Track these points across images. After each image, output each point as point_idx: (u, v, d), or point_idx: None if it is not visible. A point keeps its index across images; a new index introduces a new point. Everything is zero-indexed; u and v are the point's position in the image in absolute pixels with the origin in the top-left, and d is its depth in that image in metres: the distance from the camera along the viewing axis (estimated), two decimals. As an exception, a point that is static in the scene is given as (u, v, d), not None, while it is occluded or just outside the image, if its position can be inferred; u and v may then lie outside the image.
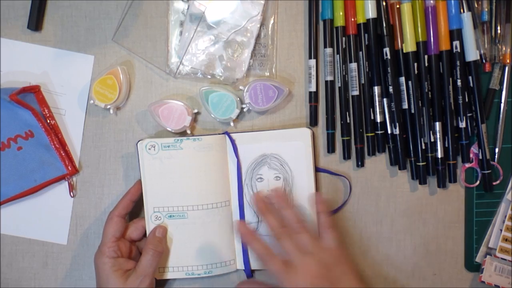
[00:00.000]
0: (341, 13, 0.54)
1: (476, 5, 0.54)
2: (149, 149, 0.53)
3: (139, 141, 0.54)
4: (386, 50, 0.54)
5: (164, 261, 0.54)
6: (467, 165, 0.57)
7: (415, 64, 0.54)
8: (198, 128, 0.57)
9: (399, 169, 0.56)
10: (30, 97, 0.55)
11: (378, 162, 0.57)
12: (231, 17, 0.55)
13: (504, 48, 0.55)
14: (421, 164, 0.55)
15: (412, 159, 0.56)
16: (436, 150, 0.55)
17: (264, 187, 0.56)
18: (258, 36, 0.55)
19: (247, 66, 0.55)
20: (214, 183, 0.55)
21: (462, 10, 0.54)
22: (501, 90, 0.56)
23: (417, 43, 0.54)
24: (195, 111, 0.55)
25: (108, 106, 0.54)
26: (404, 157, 0.55)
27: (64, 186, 0.57)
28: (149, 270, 0.51)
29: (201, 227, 0.54)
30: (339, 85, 0.56)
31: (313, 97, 0.56)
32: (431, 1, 0.53)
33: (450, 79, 0.54)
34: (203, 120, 0.57)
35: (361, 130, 0.56)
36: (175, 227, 0.54)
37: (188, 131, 0.56)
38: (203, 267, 0.55)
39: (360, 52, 0.55)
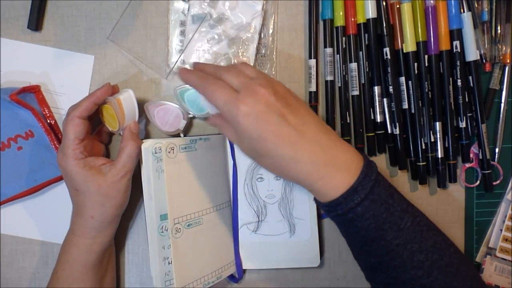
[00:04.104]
0: (341, 13, 0.54)
1: (476, 5, 0.54)
2: (169, 152, 0.50)
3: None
4: (386, 50, 0.54)
5: (184, 278, 0.50)
6: (467, 165, 0.57)
7: (415, 64, 0.54)
8: (192, 129, 0.57)
9: (399, 169, 0.56)
10: (30, 97, 0.55)
11: (378, 162, 0.57)
12: (233, 14, 0.55)
13: (504, 48, 0.55)
14: (421, 164, 0.55)
15: (412, 159, 0.56)
16: (436, 150, 0.55)
17: (264, 186, 0.56)
18: (259, 35, 0.55)
19: (253, 62, 0.55)
20: (222, 182, 0.55)
21: (462, 10, 0.54)
22: (501, 90, 0.56)
23: (417, 43, 0.54)
24: (191, 115, 0.54)
25: (114, 131, 0.52)
26: (404, 157, 0.55)
27: (64, 186, 0.56)
28: (130, 166, 0.48)
29: (213, 230, 0.53)
30: (339, 85, 0.56)
31: (313, 97, 0.56)
32: (431, 1, 0.53)
33: (450, 79, 0.54)
34: (196, 121, 0.57)
35: (361, 130, 0.56)
36: (193, 236, 0.51)
37: (182, 135, 0.55)
38: (216, 272, 0.53)
39: (360, 52, 0.55)
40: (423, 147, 0.55)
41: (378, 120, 0.55)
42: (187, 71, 0.49)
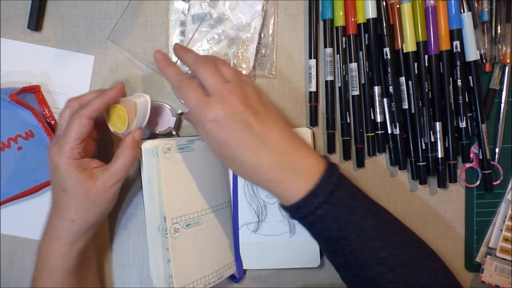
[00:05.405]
0: (341, 13, 0.54)
1: (476, 5, 0.54)
2: (165, 152, 0.49)
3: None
4: (386, 50, 0.54)
5: (183, 278, 0.49)
6: (468, 165, 0.57)
7: (415, 64, 0.54)
8: (183, 128, 0.57)
9: (399, 169, 0.56)
10: (30, 97, 0.55)
11: (378, 162, 0.57)
12: (233, 14, 0.55)
13: (504, 48, 0.55)
14: (421, 164, 0.55)
15: (412, 159, 0.56)
16: (436, 150, 0.55)
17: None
18: (259, 35, 0.55)
19: (253, 62, 0.55)
20: (221, 182, 0.55)
21: (462, 10, 0.54)
22: (501, 90, 0.56)
23: (417, 43, 0.54)
24: (179, 111, 0.55)
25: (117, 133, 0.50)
26: (404, 157, 0.55)
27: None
28: (123, 174, 0.47)
29: (213, 230, 0.53)
30: (339, 85, 0.56)
31: (313, 97, 0.56)
32: (431, 1, 0.53)
33: (450, 79, 0.54)
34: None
35: (361, 130, 0.56)
36: (192, 236, 0.50)
37: (174, 132, 0.55)
38: (217, 272, 0.53)
39: (360, 52, 0.55)
40: (423, 147, 0.55)
41: (378, 120, 0.55)
42: (166, 63, 0.48)
